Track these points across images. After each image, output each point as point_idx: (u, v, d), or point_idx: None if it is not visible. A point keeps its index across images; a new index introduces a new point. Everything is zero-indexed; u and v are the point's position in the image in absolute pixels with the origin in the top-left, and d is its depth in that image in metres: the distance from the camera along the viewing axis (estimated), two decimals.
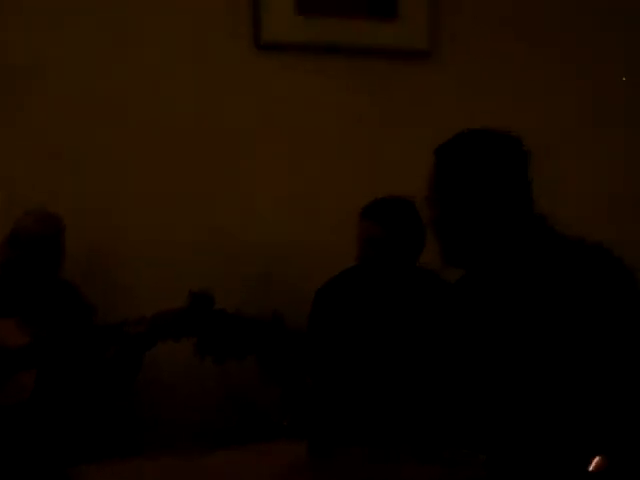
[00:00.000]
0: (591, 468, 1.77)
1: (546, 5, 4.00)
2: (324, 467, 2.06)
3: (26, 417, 2.83)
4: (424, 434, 2.12)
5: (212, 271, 3.46)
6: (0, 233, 3.12)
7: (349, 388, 2.54)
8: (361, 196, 3.16)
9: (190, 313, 2.36)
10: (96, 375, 2.98)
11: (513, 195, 2.10)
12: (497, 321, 2.09)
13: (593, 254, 2.06)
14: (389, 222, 3.02)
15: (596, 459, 1.78)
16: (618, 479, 1.82)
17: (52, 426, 2.90)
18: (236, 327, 2.30)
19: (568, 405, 1.92)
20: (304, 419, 2.25)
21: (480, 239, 2.10)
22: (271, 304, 2.59)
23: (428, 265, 2.99)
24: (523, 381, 1.98)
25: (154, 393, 3.41)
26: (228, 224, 3.64)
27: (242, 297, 3.19)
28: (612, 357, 1.94)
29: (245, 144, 3.70)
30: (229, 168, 3.68)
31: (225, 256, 3.59)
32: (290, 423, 2.31)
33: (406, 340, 2.65)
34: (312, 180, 3.76)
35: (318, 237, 3.66)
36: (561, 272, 2.03)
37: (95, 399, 3.04)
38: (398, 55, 3.85)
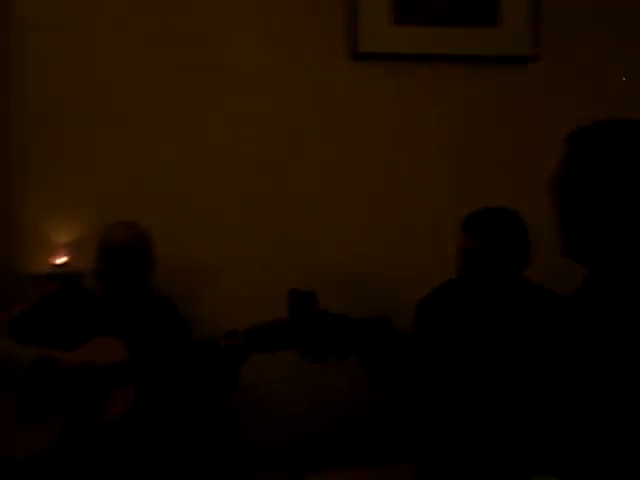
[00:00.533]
0: None
1: None
2: None
3: (125, 433, 2.84)
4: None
5: (308, 276, 3.44)
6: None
7: (450, 398, 2.46)
8: (459, 205, 3.08)
9: (288, 324, 2.31)
10: (193, 390, 2.97)
11: None
12: (608, 341, 1.94)
13: None
14: (486, 235, 2.88)
15: None
16: None
17: (150, 442, 2.90)
18: (339, 326, 2.24)
19: None
20: (409, 433, 2.17)
21: (610, 234, 1.95)
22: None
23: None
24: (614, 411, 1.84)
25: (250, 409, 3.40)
26: (324, 232, 3.65)
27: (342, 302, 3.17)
28: None
29: (341, 153, 3.68)
30: (326, 174, 3.68)
31: (323, 262, 3.58)
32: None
33: (508, 352, 2.54)
34: (410, 188, 3.71)
35: (417, 249, 3.60)
36: None
37: (192, 414, 3.03)
38: (497, 61, 3.77)
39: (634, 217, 1.92)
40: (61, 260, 3.56)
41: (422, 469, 2.11)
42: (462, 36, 3.72)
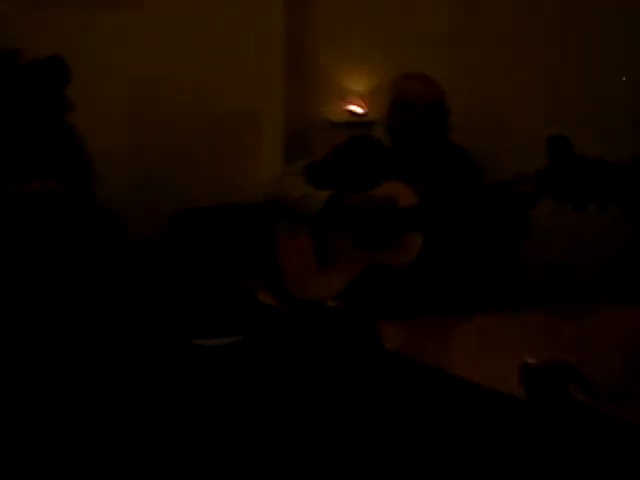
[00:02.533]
0: None
1: None
2: None
3: (414, 277, 2.88)
4: None
5: None
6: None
7: None
8: None
9: (550, 170, 2.21)
10: (483, 234, 2.95)
11: None
12: None
13: None
14: None
15: None
16: None
17: (438, 284, 2.93)
18: (600, 171, 2.11)
19: None
20: None
21: None
22: None
23: None
24: None
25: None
26: None
27: None
28: None
29: None
30: None
31: None
32: None
33: None
34: None
35: None
36: None
37: (480, 259, 3.02)
38: None
39: None
40: (356, 108, 3.64)
41: None
42: None
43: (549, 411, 1.60)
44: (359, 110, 3.64)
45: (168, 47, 3.79)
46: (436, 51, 3.48)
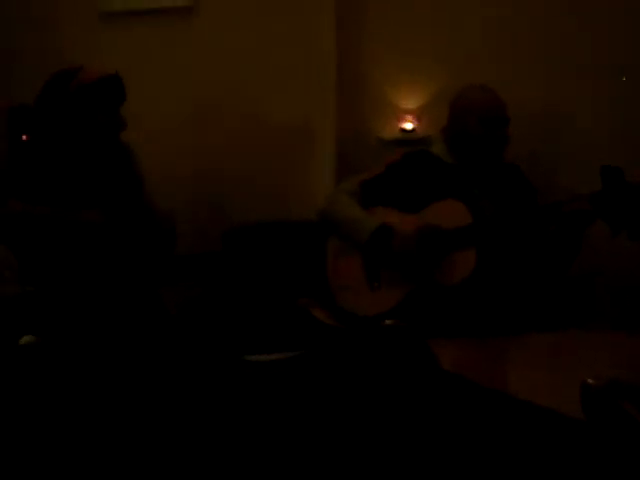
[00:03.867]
0: None
1: None
2: None
3: (467, 294, 2.87)
4: None
5: None
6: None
7: None
8: None
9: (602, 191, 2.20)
10: (536, 254, 2.94)
11: None
12: None
13: None
14: None
15: None
16: None
17: (491, 304, 2.92)
18: None
19: None
20: None
21: None
22: None
23: None
24: None
25: None
26: None
27: None
28: None
29: None
30: None
31: None
32: None
33: None
34: None
35: None
36: None
37: (533, 278, 3.00)
38: None
39: None
40: (407, 125, 3.64)
41: None
42: None
43: (608, 431, 1.59)
44: (410, 127, 3.65)
45: (222, 65, 3.83)
46: (484, 66, 3.47)
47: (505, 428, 1.71)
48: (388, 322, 2.09)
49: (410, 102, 3.66)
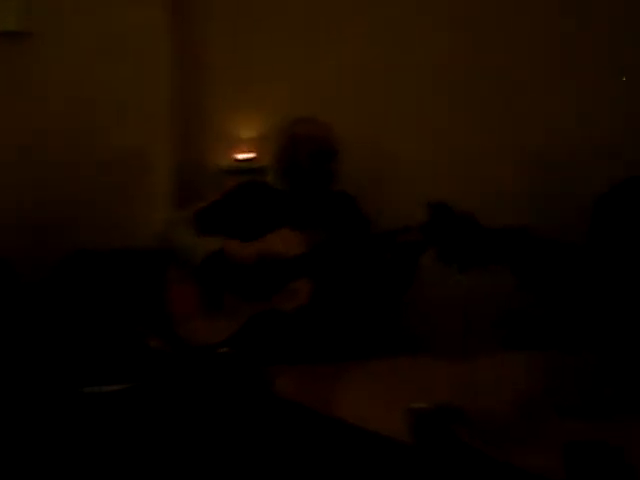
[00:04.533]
0: None
1: None
2: None
3: (304, 322, 2.92)
4: None
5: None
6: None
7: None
8: None
9: (430, 224, 2.28)
10: (371, 282, 3.01)
11: None
12: None
13: None
14: None
15: None
16: None
17: (329, 330, 2.98)
18: (476, 234, 2.20)
19: None
20: None
21: None
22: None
23: None
24: None
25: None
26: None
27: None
28: None
29: None
30: None
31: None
32: None
33: None
34: None
35: None
36: None
37: (368, 305, 3.07)
38: None
39: None
40: (245, 155, 3.68)
41: None
42: None
43: (437, 454, 1.64)
44: (249, 157, 3.69)
45: (56, 93, 3.74)
46: (324, 100, 3.56)
47: (337, 453, 1.74)
48: (222, 350, 2.11)
49: (249, 132, 3.70)
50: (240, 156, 3.68)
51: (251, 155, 3.69)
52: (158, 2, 3.71)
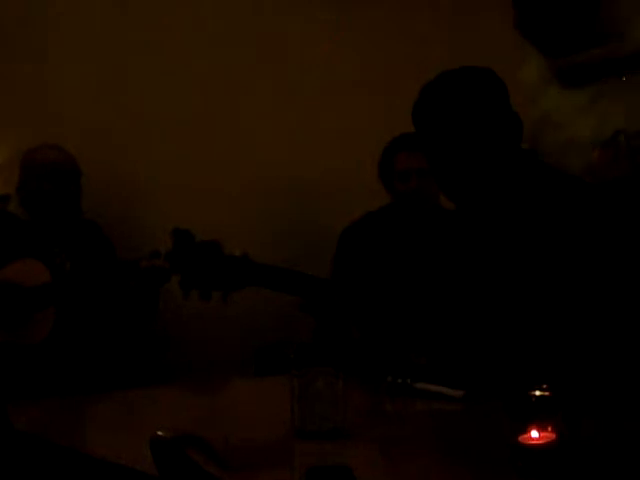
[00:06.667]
0: None
1: None
2: None
3: (48, 353, 2.87)
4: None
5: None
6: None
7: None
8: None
9: (173, 251, 2.32)
10: (116, 309, 3.01)
11: (500, 129, 2.05)
12: (491, 259, 2.06)
13: (587, 187, 2.03)
14: None
15: None
16: None
17: (72, 362, 2.94)
18: (218, 262, 2.25)
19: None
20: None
21: (472, 176, 2.07)
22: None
23: None
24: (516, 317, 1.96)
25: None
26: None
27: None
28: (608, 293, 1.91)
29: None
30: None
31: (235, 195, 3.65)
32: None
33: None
34: None
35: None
36: (557, 206, 2.00)
37: (116, 333, 3.07)
38: None
39: (486, 156, 2.04)
40: None
41: None
42: None
43: None
44: None
45: None
46: (70, 127, 3.52)
47: None
48: None
49: None
50: None
51: None
52: None
